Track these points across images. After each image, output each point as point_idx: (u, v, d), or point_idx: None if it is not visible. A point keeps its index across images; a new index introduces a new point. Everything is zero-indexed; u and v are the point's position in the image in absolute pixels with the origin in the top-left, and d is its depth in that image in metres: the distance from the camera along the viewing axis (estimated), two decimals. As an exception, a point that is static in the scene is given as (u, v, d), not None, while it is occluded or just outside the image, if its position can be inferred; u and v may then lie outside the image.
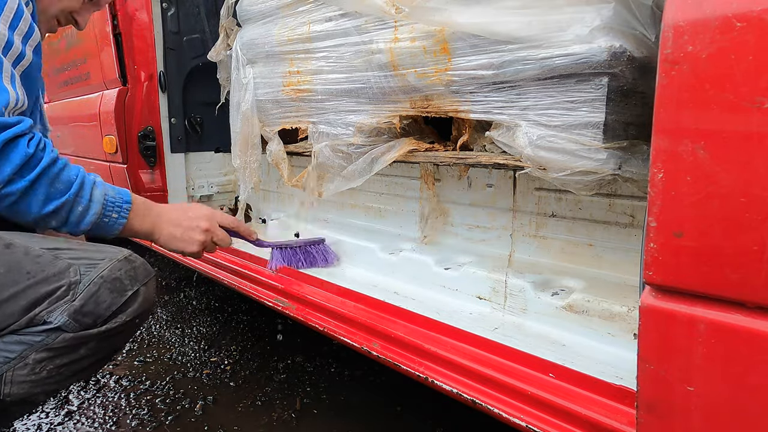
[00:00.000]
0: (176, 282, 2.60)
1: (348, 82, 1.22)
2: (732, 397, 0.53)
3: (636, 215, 1.07)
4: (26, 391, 0.88)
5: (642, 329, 0.58)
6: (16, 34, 0.91)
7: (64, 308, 0.86)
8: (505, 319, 1.06)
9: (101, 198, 0.94)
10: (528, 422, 0.79)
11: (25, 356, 0.86)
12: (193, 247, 1.09)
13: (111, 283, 0.90)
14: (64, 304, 0.86)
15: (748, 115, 0.47)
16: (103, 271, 0.90)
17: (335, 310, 1.16)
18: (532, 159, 0.90)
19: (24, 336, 0.86)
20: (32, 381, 0.87)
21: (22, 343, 0.86)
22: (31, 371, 0.86)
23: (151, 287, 0.97)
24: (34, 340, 0.86)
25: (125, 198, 0.99)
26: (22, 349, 0.85)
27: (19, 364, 0.86)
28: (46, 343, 0.86)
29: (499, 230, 1.32)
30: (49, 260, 0.87)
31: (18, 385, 0.86)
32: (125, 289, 0.91)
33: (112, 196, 0.97)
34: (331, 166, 1.30)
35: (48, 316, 0.85)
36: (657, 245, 0.55)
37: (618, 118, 0.85)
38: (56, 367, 0.88)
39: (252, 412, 1.43)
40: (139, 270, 0.95)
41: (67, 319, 0.86)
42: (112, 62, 1.85)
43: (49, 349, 0.86)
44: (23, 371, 0.86)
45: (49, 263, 0.87)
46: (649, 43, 0.84)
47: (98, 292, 0.88)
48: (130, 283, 0.92)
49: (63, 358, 0.88)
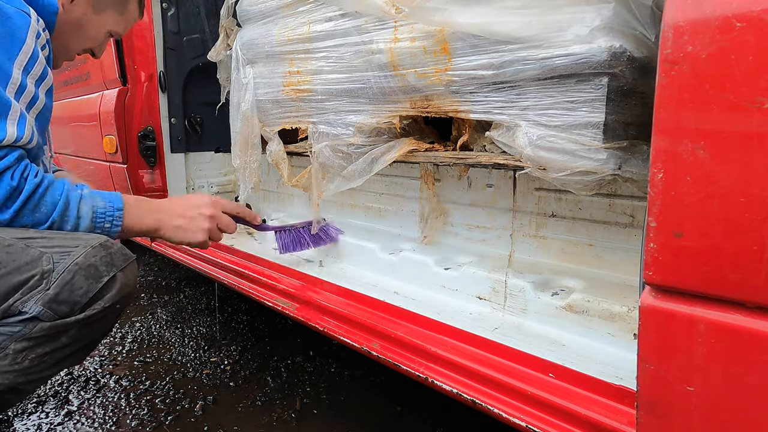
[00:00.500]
0: (176, 282, 2.60)
1: (348, 82, 1.22)
2: (732, 397, 0.53)
3: (636, 215, 1.07)
4: (11, 381, 0.88)
5: (642, 329, 0.58)
6: (30, 77, 0.94)
7: (38, 297, 0.86)
8: (505, 319, 1.06)
9: (90, 213, 0.95)
10: (528, 422, 0.79)
11: (5, 347, 0.86)
12: (200, 235, 1.09)
13: (86, 269, 0.89)
14: (38, 293, 0.86)
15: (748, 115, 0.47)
16: (77, 258, 0.89)
17: (335, 310, 1.16)
18: (532, 159, 0.90)
19: (1, 327, 0.86)
20: (15, 371, 0.88)
21: (0, 334, 0.86)
22: (12, 361, 0.87)
23: (129, 272, 0.96)
24: (11, 331, 0.86)
25: (116, 205, 0.99)
26: (0, 339, 0.86)
27: (0, 354, 0.86)
28: (23, 333, 0.87)
29: (499, 230, 1.32)
30: (21, 249, 0.87)
31: (2, 375, 0.87)
32: (101, 276, 0.90)
33: (102, 207, 0.97)
34: (331, 166, 1.30)
35: (23, 306, 0.86)
36: (657, 245, 0.55)
37: (618, 118, 0.85)
38: (38, 356, 0.89)
39: (252, 412, 1.43)
40: (116, 255, 0.94)
41: (42, 308, 0.86)
42: (112, 62, 1.85)
43: (27, 338, 0.87)
44: (5, 361, 0.87)
45: (21, 252, 0.86)
46: (649, 43, 0.84)
47: (73, 279, 0.88)
48: (107, 269, 0.91)
49: (44, 347, 0.89)
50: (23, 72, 0.92)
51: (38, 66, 0.96)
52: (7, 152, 0.88)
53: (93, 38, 1.18)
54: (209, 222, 1.10)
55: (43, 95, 0.99)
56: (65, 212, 0.93)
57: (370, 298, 1.16)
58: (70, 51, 1.16)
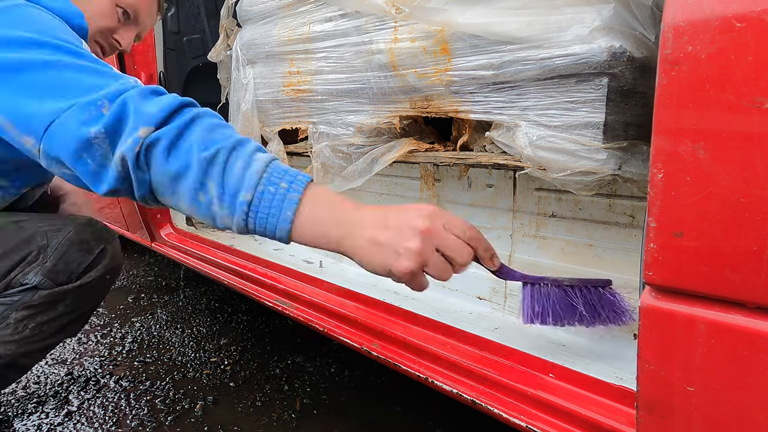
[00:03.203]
0: (176, 282, 2.60)
1: (348, 83, 1.22)
2: (732, 397, 0.53)
3: (636, 215, 1.08)
4: (12, 352, 0.94)
5: (642, 329, 0.58)
6: None
7: (37, 269, 0.93)
8: (505, 319, 1.06)
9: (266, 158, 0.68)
10: (528, 422, 0.79)
11: (6, 316, 0.92)
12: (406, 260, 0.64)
13: (78, 244, 0.96)
14: (37, 266, 0.93)
15: (748, 116, 0.47)
16: (69, 234, 0.96)
17: (335, 310, 1.16)
18: (532, 159, 0.90)
19: (3, 298, 0.92)
20: (16, 341, 0.93)
21: (2, 305, 0.92)
22: (14, 330, 0.92)
23: (116, 246, 1.04)
24: (12, 300, 0.92)
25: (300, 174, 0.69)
26: (2, 309, 0.92)
27: (2, 324, 0.92)
28: (24, 302, 0.93)
29: (499, 230, 1.32)
30: (14, 230, 0.94)
31: (4, 346, 0.93)
32: (92, 248, 0.98)
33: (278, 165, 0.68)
34: (332, 167, 1.30)
35: (23, 278, 0.92)
36: (657, 245, 0.55)
37: (618, 119, 0.85)
38: (38, 324, 0.95)
39: (252, 412, 1.43)
40: (103, 232, 1.02)
41: (42, 278, 0.93)
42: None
43: (28, 306, 0.93)
44: (6, 331, 0.92)
45: (15, 233, 0.93)
46: (649, 43, 0.84)
47: (67, 252, 0.95)
48: (96, 243, 0.99)
49: (43, 315, 0.95)
50: None
51: None
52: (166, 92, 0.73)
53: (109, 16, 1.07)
54: (422, 241, 0.65)
55: None
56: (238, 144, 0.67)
57: (370, 298, 1.16)
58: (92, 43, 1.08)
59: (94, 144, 0.67)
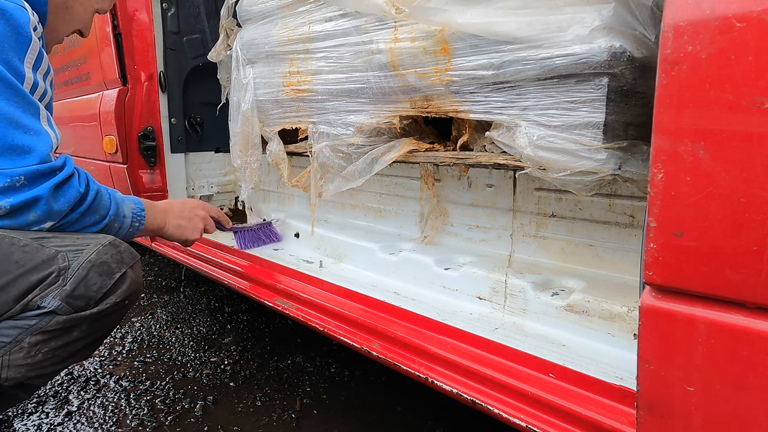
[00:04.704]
0: (176, 282, 2.60)
1: (348, 83, 1.22)
2: (732, 397, 0.53)
3: (636, 215, 1.08)
4: (23, 375, 0.91)
5: (642, 329, 0.58)
6: (38, 73, 0.95)
7: (56, 293, 0.89)
8: (505, 319, 1.06)
9: (129, 213, 1.07)
10: (528, 422, 0.79)
11: (20, 340, 0.89)
12: (196, 234, 1.26)
13: (99, 266, 0.93)
14: (55, 289, 0.89)
15: (748, 115, 0.47)
16: (90, 256, 0.93)
17: (335, 310, 1.16)
18: (532, 159, 0.90)
19: (19, 321, 0.89)
20: (28, 364, 0.90)
21: (17, 328, 0.89)
22: (27, 354, 0.89)
23: (137, 269, 1.01)
24: (28, 324, 0.89)
25: (140, 206, 1.10)
26: (17, 333, 0.89)
27: (15, 347, 0.88)
28: (40, 327, 0.89)
29: (499, 230, 1.32)
30: (36, 248, 0.90)
31: (15, 369, 0.89)
32: (113, 272, 0.95)
33: (134, 208, 1.09)
34: (331, 166, 1.30)
35: (41, 301, 0.89)
36: (657, 245, 0.55)
37: (618, 119, 0.85)
38: (51, 349, 0.91)
39: (252, 412, 1.43)
40: (125, 254, 0.98)
41: (60, 302, 0.89)
42: (112, 62, 1.85)
43: (43, 332, 0.90)
44: (19, 354, 0.89)
45: (37, 251, 0.90)
46: (649, 43, 0.84)
47: (87, 275, 0.92)
48: (117, 266, 0.96)
49: (57, 340, 0.92)
50: (33, 69, 0.92)
51: (44, 62, 0.96)
52: (64, 158, 0.93)
53: (81, 19, 1.15)
54: (203, 222, 1.28)
55: (49, 88, 0.99)
56: (116, 212, 1.03)
57: (370, 298, 1.16)
58: (59, 35, 1.13)
59: None
